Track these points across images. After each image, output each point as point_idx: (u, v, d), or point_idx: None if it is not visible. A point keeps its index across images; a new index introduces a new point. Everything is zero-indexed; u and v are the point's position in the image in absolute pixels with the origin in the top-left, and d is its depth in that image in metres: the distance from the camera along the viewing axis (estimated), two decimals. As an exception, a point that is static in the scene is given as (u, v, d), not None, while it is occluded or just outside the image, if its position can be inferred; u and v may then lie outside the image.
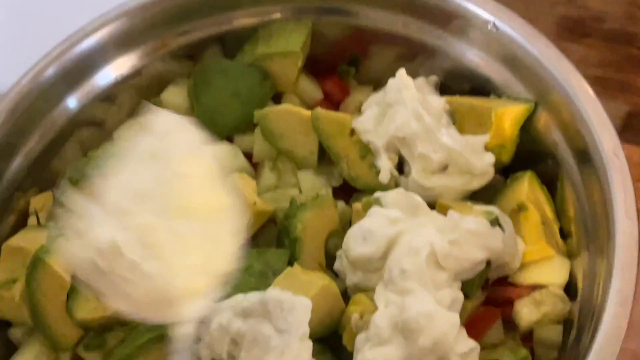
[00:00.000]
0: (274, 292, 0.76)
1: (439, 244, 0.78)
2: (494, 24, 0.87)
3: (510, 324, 0.85)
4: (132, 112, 1.00)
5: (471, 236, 0.79)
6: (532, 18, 1.22)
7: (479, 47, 0.91)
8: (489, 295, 0.85)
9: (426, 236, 0.78)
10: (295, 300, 0.76)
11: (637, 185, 0.88)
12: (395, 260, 0.79)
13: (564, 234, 0.86)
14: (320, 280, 0.80)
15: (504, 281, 0.85)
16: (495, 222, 0.81)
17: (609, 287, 0.72)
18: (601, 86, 1.14)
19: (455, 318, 0.75)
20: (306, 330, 0.75)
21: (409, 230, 0.80)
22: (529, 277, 0.84)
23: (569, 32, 1.18)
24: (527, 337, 0.85)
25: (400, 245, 0.79)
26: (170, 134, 0.69)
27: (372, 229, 0.81)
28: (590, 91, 0.82)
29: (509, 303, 0.85)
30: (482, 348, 0.80)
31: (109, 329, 0.85)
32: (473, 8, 0.88)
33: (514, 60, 0.88)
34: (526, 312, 0.83)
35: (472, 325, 0.81)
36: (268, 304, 0.76)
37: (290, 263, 0.83)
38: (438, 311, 0.75)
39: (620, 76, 1.13)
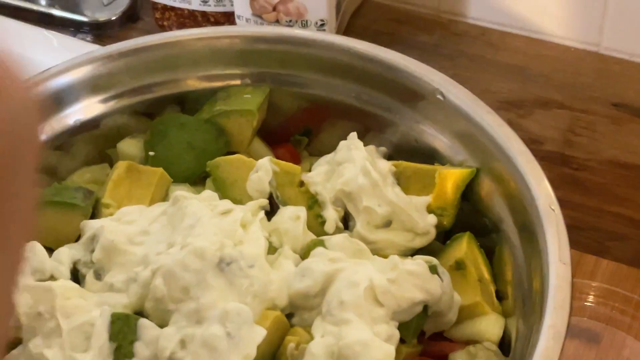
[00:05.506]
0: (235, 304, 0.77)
1: (377, 280, 0.79)
2: (441, 93, 0.92)
3: (443, 381, 0.85)
4: (86, 161, 1.02)
5: (410, 276, 0.81)
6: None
7: (427, 117, 0.95)
8: (424, 349, 0.86)
9: (366, 272, 0.80)
10: (254, 324, 0.76)
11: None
12: (333, 294, 0.80)
13: (500, 296, 0.88)
14: (273, 312, 0.80)
15: (440, 336, 0.87)
16: (434, 269, 0.83)
17: (542, 324, 0.73)
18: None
19: (391, 349, 0.76)
20: (253, 352, 0.75)
21: (348, 267, 0.81)
22: (463, 332, 0.86)
23: (511, 151, 1.25)
24: (460, 396, 0.85)
25: (340, 280, 0.80)
26: None
27: (311, 267, 0.82)
28: (528, 152, 0.85)
29: (444, 358, 0.85)
30: (414, 396, 0.81)
31: None
32: (422, 78, 0.94)
33: (458, 129, 0.93)
34: (460, 363, 0.83)
35: (406, 371, 0.81)
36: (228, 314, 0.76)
37: None
38: (374, 340, 0.76)
39: (555, 192, 1.19)
